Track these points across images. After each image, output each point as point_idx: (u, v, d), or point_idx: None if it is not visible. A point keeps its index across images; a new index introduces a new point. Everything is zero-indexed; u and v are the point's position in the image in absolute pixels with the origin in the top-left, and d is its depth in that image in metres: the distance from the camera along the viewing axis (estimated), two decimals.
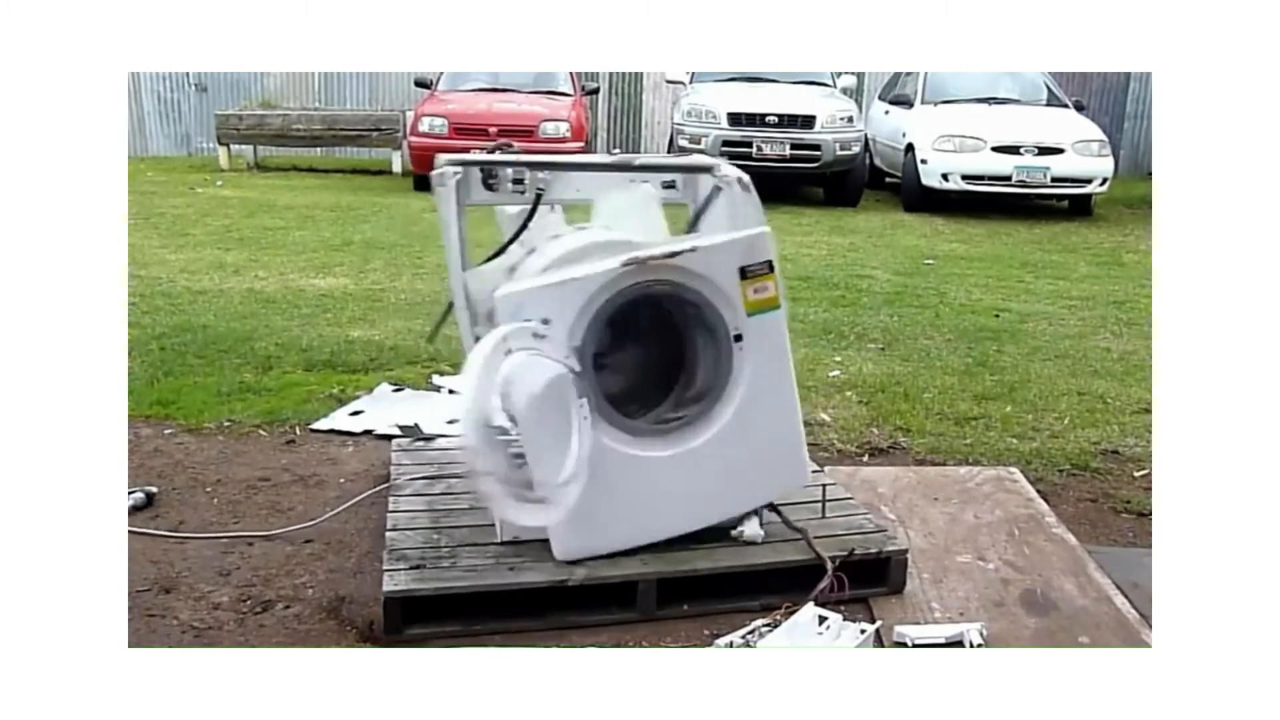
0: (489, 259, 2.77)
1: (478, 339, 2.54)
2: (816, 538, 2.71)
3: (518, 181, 2.70)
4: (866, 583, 2.68)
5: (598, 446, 2.52)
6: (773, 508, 2.78)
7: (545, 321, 2.46)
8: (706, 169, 2.84)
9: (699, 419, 2.65)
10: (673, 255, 2.53)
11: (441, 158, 2.76)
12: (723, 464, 2.65)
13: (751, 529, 2.71)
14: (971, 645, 2.44)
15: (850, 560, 2.66)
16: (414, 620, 2.45)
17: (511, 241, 2.76)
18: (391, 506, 2.88)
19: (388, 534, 2.71)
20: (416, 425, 3.68)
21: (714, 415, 2.65)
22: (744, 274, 2.57)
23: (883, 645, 2.45)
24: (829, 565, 2.59)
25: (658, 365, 2.77)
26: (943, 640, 2.45)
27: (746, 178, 2.77)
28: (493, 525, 2.72)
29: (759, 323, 2.60)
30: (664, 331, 2.71)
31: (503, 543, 2.66)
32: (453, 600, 2.47)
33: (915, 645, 2.44)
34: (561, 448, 2.45)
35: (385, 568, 2.52)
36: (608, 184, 2.83)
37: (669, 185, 2.87)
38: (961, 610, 2.63)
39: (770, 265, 2.59)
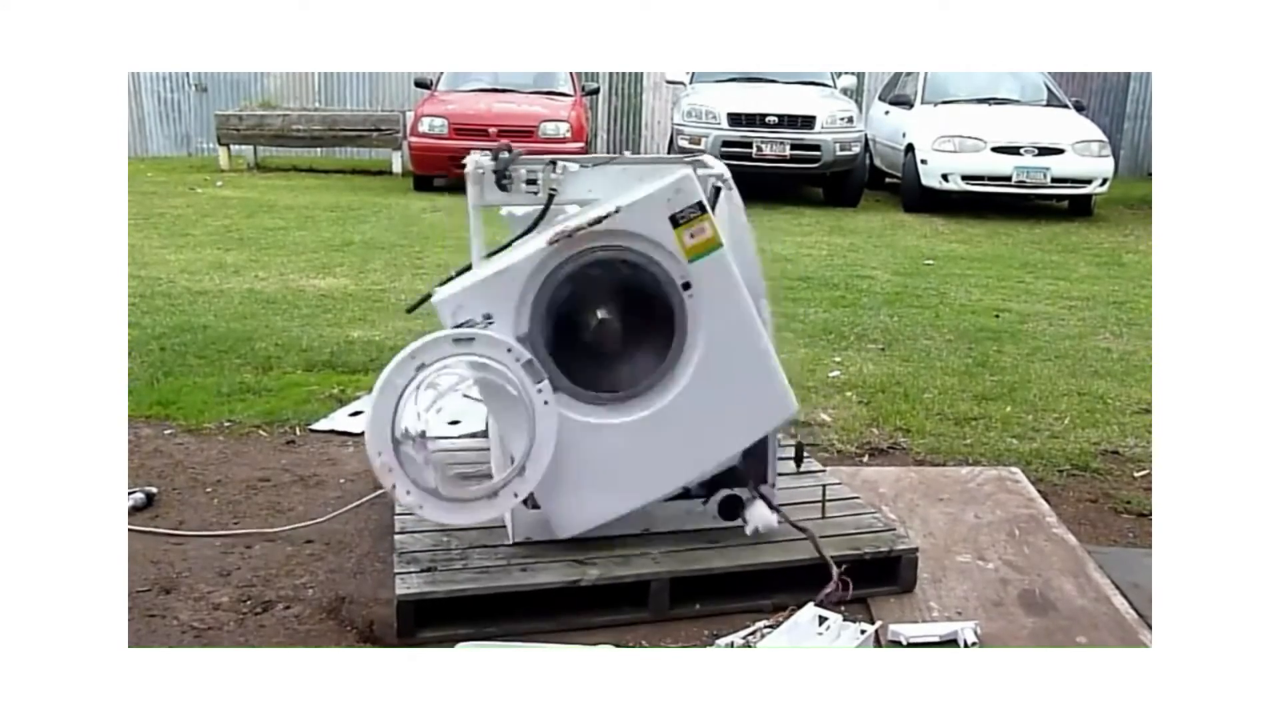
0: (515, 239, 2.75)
1: None
2: (826, 537, 2.71)
3: (530, 181, 2.70)
4: (876, 581, 2.68)
5: (574, 422, 2.52)
6: (775, 508, 2.77)
7: (487, 317, 2.47)
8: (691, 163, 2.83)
9: (668, 374, 2.63)
10: (598, 221, 2.51)
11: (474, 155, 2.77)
12: (702, 412, 2.63)
13: (763, 518, 2.69)
14: (966, 644, 2.44)
15: (861, 559, 2.66)
16: (427, 623, 2.44)
17: (529, 232, 2.75)
18: (398, 509, 2.87)
19: (396, 537, 2.70)
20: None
21: (681, 367, 2.63)
22: (675, 222, 2.54)
23: (881, 645, 2.45)
24: (834, 570, 2.59)
25: (634, 329, 2.75)
26: (937, 639, 2.46)
27: (725, 174, 2.75)
28: (503, 527, 2.71)
29: (704, 266, 2.57)
30: (622, 298, 2.69)
31: (513, 544, 2.66)
32: (465, 603, 2.47)
33: (910, 644, 2.44)
34: (523, 435, 2.47)
35: (396, 571, 2.52)
36: (621, 184, 2.82)
37: None
38: (960, 610, 2.63)
39: (701, 206, 2.55)
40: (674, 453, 2.65)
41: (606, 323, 2.65)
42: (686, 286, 2.58)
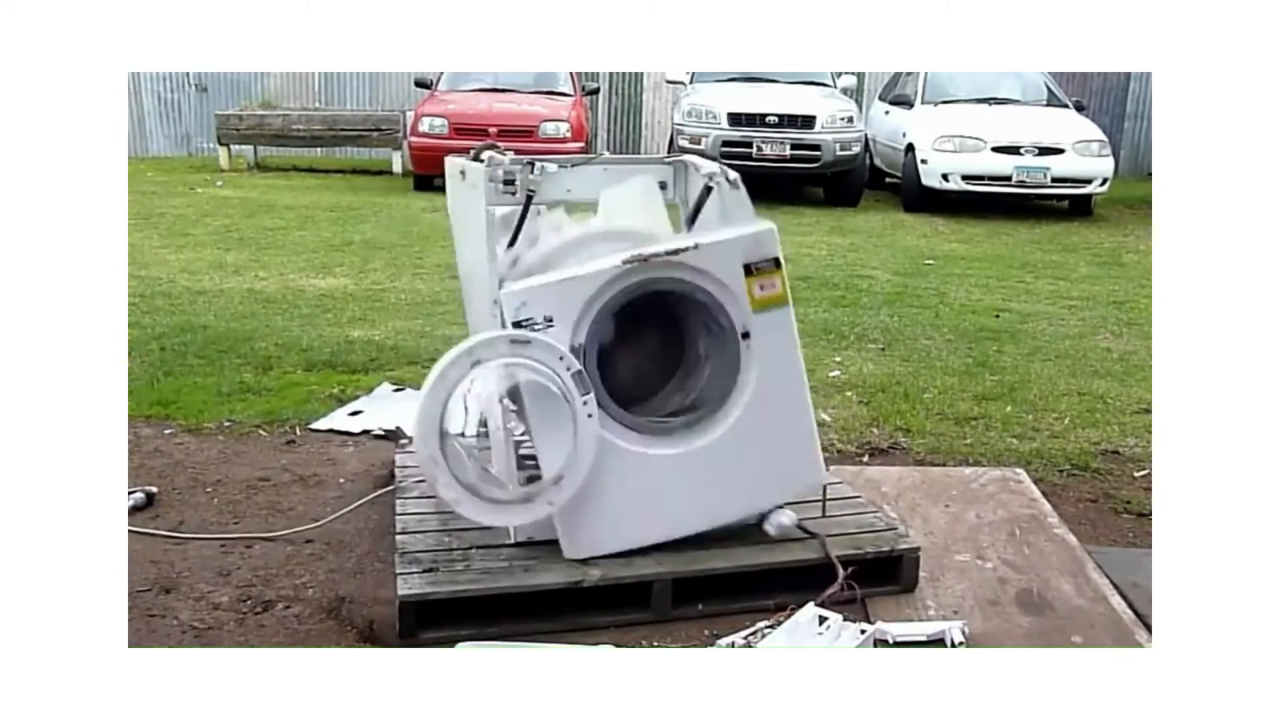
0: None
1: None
2: (828, 536, 2.71)
3: (508, 183, 2.70)
4: (878, 581, 2.68)
5: (606, 444, 2.52)
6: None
7: (548, 319, 2.47)
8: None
9: (708, 417, 2.64)
10: (675, 253, 2.53)
11: (454, 159, 2.77)
12: (733, 463, 2.64)
13: (781, 522, 2.69)
14: (953, 643, 2.44)
15: (863, 559, 2.66)
16: (428, 624, 2.43)
17: (514, 239, 2.76)
18: (399, 509, 2.86)
19: (397, 537, 2.70)
20: (398, 429, 3.69)
21: (723, 413, 2.64)
22: (749, 271, 2.56)
23: (879, 645, 2.45)
24: (841, 571, 2.59)
25: (670, 362, 2.76)
26: (924, 638, 2.46)
27: (735, 175, 2.77)
28: (504, 527, 2.71)
29: (766, 320, 2.59)
30: (674, 328, 2.70)
31: (515, 544, 2.66)
32: (467, 603, 2.46)
33: (897, 643, 2.44)
34: (558, 446, 2.46)
35: (398, 571, 2.52)
36: (600, 183, 2.83)
37: (660, 185, 2.87)
38: (956, 609, 2.63)
39: (776, 262, 2.58)
40: (697, 498, 2.65)
41: (658, 353, 2.66)
42: (745, 336, 2.59)
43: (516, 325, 2.48)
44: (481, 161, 2.72)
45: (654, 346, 2.78)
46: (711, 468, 2.63)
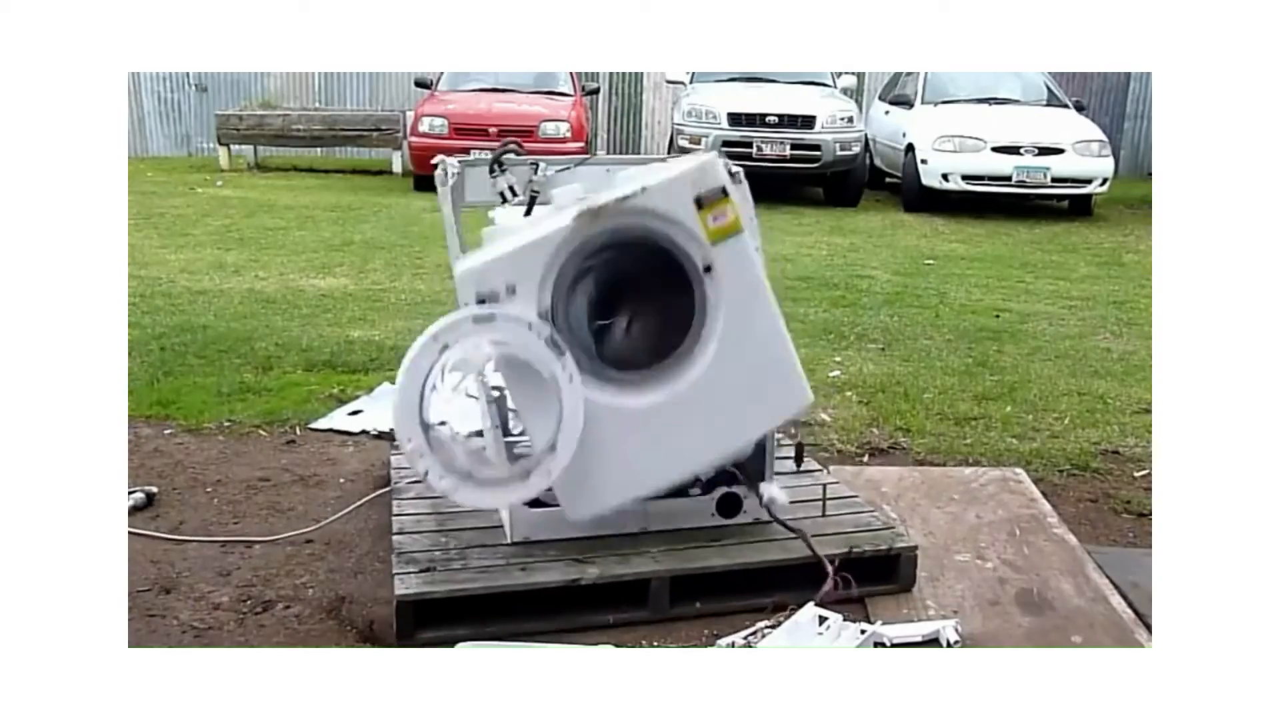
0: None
1: None
2: (825, 535, 2.71)
3: (511, 186, 2.70)
4: (876, 580, 2.68)
5: (592, 403, 2.50)
6: (771, 512, 2.76)
7: (510, 289, 2.44)
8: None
9: (685, 357, 2.60)
10: (624, 200, 2.49)
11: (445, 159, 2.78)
12: (718, 398, 2.60)
13: (779, 494, 2.70)
14: (949, 643, 2.44)
15: (860, 558, 2.66)
16: (426, 624, 2.43)
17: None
18: (395, 510, 2.87)
19: (394, 538, 2.70)
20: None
21: (698, 351, 2.60)
22: (700, 204, 2.52)
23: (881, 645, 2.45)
24: (829, 567, 2.59)
25: (653, 311, 2.74)
26: (919, 639, 2.46)
27: (737, 168, 2.76)
28: (500, 526, 2.71)
29: (725, 250, 2.54)
30: (645, 278, 2.68)
31: (511, 544, 2.66)
32: (465, 602, 2.46)
33: (893, 645, 2.44)
34: (545, 414, 2.44)
35: (395, 571, 2.52)
36: (601, 184, 2.82)
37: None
38: (956, 609, 2.63)
39: (724, 191, 2.53)
40: (688, 439, 2.61)
41: (627, 302, 2.64)
42: (708, 269, 2.55)
43: (480, 300, 2.44)
44: (501, 163, 2.72)
45: (645, 301, 2.74)
46: (696, 407, 2.59)
